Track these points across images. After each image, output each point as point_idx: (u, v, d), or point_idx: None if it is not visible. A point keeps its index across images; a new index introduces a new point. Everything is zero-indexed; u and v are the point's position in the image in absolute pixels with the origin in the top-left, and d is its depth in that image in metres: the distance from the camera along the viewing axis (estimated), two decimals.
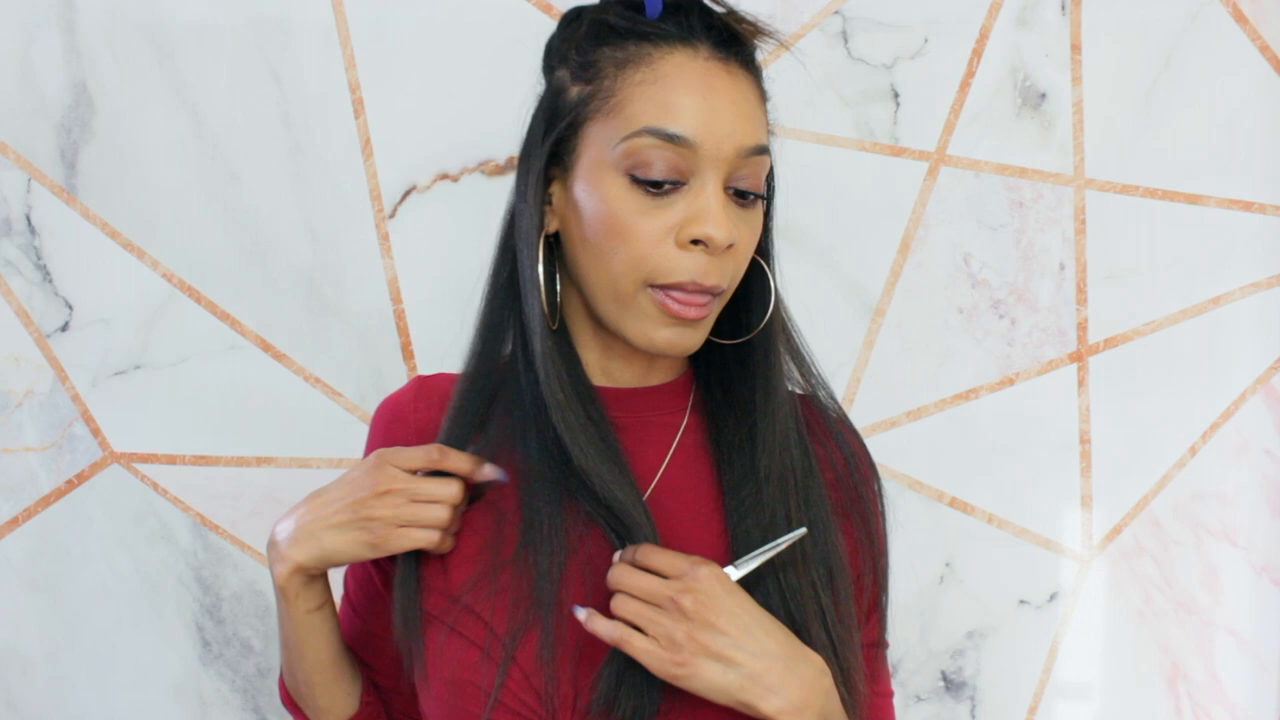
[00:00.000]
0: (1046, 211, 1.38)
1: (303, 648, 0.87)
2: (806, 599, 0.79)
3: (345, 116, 1.34)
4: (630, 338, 0.79)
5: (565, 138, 0.79)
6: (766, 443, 0.82)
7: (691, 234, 0.76)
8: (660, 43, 0.77)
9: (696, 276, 0.76)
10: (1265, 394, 1.40)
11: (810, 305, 1.38)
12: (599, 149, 0.77)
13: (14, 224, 1.35)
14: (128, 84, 1.33)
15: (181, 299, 1.35)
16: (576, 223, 0.79)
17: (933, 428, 1.39)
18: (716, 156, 0.76)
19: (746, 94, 0.78)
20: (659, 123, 0.75)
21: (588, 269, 0.79)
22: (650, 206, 0.76)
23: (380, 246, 1.35)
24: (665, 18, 0.78)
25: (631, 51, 0.77)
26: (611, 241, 0.76)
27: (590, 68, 0.78)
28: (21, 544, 1.36)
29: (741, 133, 0.77)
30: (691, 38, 0.77)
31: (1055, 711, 1.43)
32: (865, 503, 0.86)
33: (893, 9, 1.35)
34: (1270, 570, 1.41)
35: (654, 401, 0.86)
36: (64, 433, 1.36)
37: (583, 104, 0.78)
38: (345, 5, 1.33)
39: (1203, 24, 1.36)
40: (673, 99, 0.75)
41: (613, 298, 0.78)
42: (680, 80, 0.76)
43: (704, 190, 0.76)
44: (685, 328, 0.78)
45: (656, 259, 0.76)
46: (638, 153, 0.75)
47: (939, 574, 1.41)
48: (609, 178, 0.76)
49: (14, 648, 1.37)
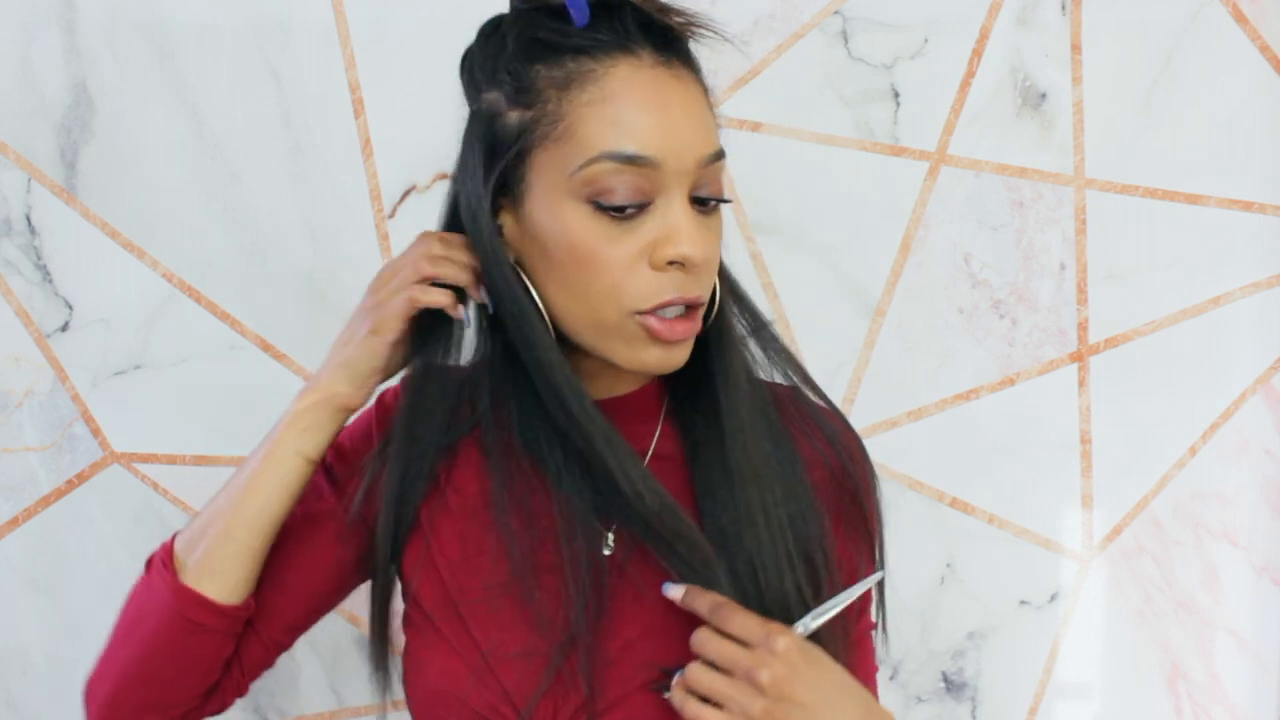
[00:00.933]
0: (1047, 211, 1.38)
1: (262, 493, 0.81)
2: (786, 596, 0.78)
3: (345, 116, 1.34)
4: (619, 361, 0.77)
5: (510, 168, 0.75)
6: (735, 438, 0.80)
7: (667, 256, 0.73)
8: (600, 55, 0.73)
9: (679, 292, 0.74)
10: (1265, 394, 1.40)
11: (810, 305, 1.39)
12: (551, 177, 0.73)
13: (14, 224, 1.35)
14: (128, 84, 1.33)
15: (181, 299, 1.35)
16: (539, 254, 0.75)
17: (933, 428, 1.39)
18: (679, 171, 0.73)
19: (696, 98, 0.75)
20: (617, 145, 0.71)
21: (560, 299, 0.76)
22: (617, 232, 0.73)
23: (380, 246, 1.35)
24: (597, 24, 0.74)
25: (571, 69, 0.73)
26: (583, 274, 0.73)
27: (528, 91, 0.74)
28: (21, 544, 1.36)
29: (700, 142, 0.74)
30: (630, 43, 0.73)
31: (1056, 712, 1.43)
32: (860, 494, 0.85)
33: (893, 9, 1.35)
34: (1270, 570, 1.41)
35: (626, 412, 0.83)
36: (64, 433, 1.36)
37: (526, 131, 0.74)
38: (345, 5, 1.33)
39: (1203, 24, 1.36)
40: (627, 118, 0.72)
41: (594, 326, 0.76)
42: (631, 96, 0.72)
43: (671, 208, 0.73)
44: (673, 346, 0.76)
45: (635, 286, 0.73)
46: (598, 179, 0.72)
47: (939, 574, 1.41)
48: (569, 207, 0.73)
49: (14, 648, 1.37)
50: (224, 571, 0.82)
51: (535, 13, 0.76)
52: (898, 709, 1.43)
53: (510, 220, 0.77)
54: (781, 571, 0.78)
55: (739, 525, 0.78)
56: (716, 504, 0.80)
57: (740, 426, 0.80)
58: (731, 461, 0.80)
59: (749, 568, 0.78)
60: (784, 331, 1.38)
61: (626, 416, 0.83)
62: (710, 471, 0.81)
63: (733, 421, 0.80)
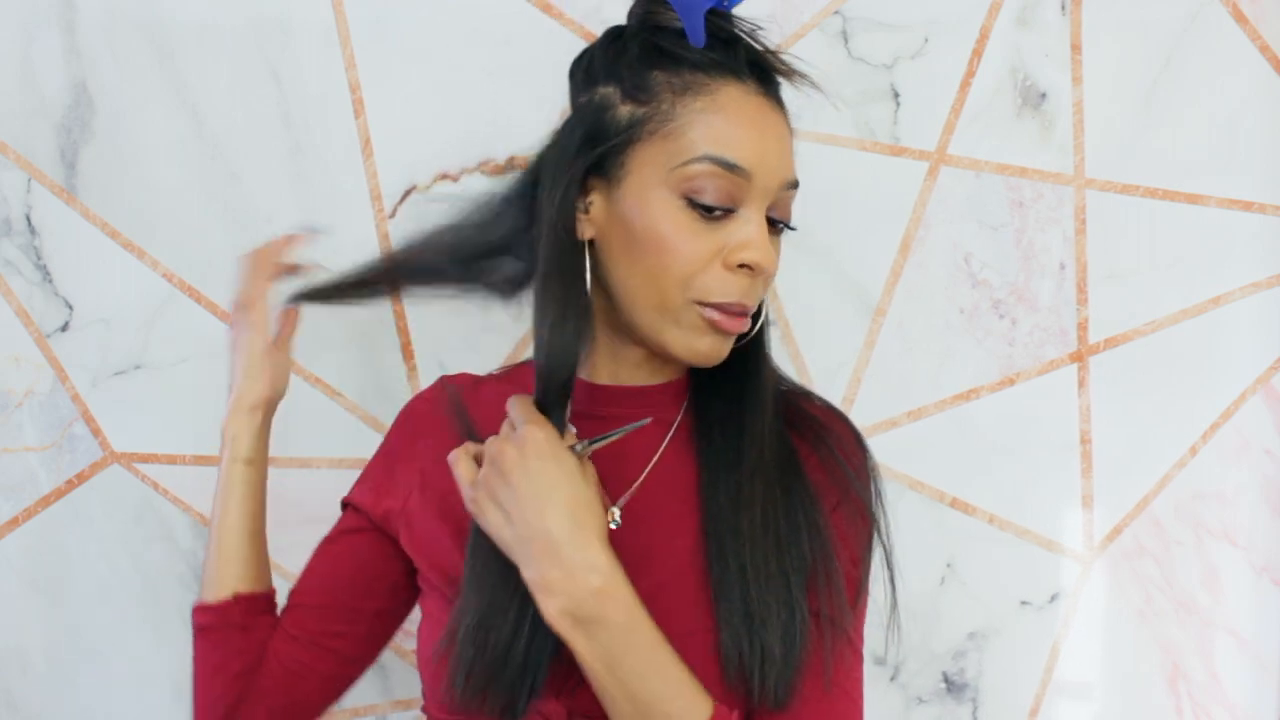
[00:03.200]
0: (1047, 211, 1.38)
1: (220, 504, 0.98)
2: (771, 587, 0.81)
3: (345, 116, 1.34)
4: (670, 345, 0.83)
5: (612, 153, 0.82)
6: (752, 430, 0.86)
7: (741, 259, 0.81)
8: (715, 74, 0.81)
9: (741, 297, 0.82)
10: (1265, 394, 1.40)
11: (810, 305, 1.39)
12: (652, 170, 0.81)
13: (14, 224, 1.35)
14: (128, 84, 1.33)
15: (181, 299, 1.35)
16: (621, 235, 0.82)
17: (933, 428, 1.39)
18: (765, 188, 0.81)
19: (786, 131, 0.84)
20: (720, 151, 0.79)
21: (629, 279, 0.83)
22: (702, 229, 0.80)
23: (380, 246, 1.35)
24: (712, 48, 0.82)
25: (688, 79, 0.81)
26: (661, 258, 0.81)
27: (644, 90, 0.81)
28: (21, 544, 1.36)
29: (785, 167, 0.83)
30: (740, 71, 0.82)
31: (1057, 712, 1.43)
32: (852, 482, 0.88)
33: (893, 9, 1.35)
34: (1270, 570, 1.41)
35: (653, 399, 0.90)
36: (64, 433, 1.36)
37: (637, 124, 0.81)
38: (345, 5, 1.33)
39: (1203, 24, 1.36)
40: (731, 130, 0.80)
41: (656, 308, 0.82)
42: (738, 113, 0.80)
43: (752, 219, 0.81)
44: (723, 337, 0.84)
45: (705, 279, 0.81)
46: (696, 178, 0.80)
47: (940, 575, 1.41)
48: (663, 198, 0.80)
49: (14, 648, 1.37)
50: (211, 576, 0.97)
51: (657, 27, 0.84)
52: (898, 710, 1.43)
53: (599, 199, 0.84)
54: (767, 550, 0.82)
55: (737, 510, 0.84)
56: (719, 485, 0.85)
57: (760, 420, 0.87)
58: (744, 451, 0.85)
59: (739, 543, 0.83)
60: (784, 331, 1.38)
61: (654, 403, 0.89)
62: (719, 454, 0.86)
63: (754, 416, 0.87)
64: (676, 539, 0.85)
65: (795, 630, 0.81)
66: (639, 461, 0.88)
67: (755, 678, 0.80)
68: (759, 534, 0.82)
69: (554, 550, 0.77)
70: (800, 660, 0.81)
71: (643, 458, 0.88)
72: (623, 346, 0.88)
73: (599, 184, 0.83)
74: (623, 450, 0.87)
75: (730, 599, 0.81)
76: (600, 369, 0.89)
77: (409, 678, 1.38)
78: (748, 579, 0.81)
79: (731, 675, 0.80)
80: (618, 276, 0.84)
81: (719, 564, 0.83)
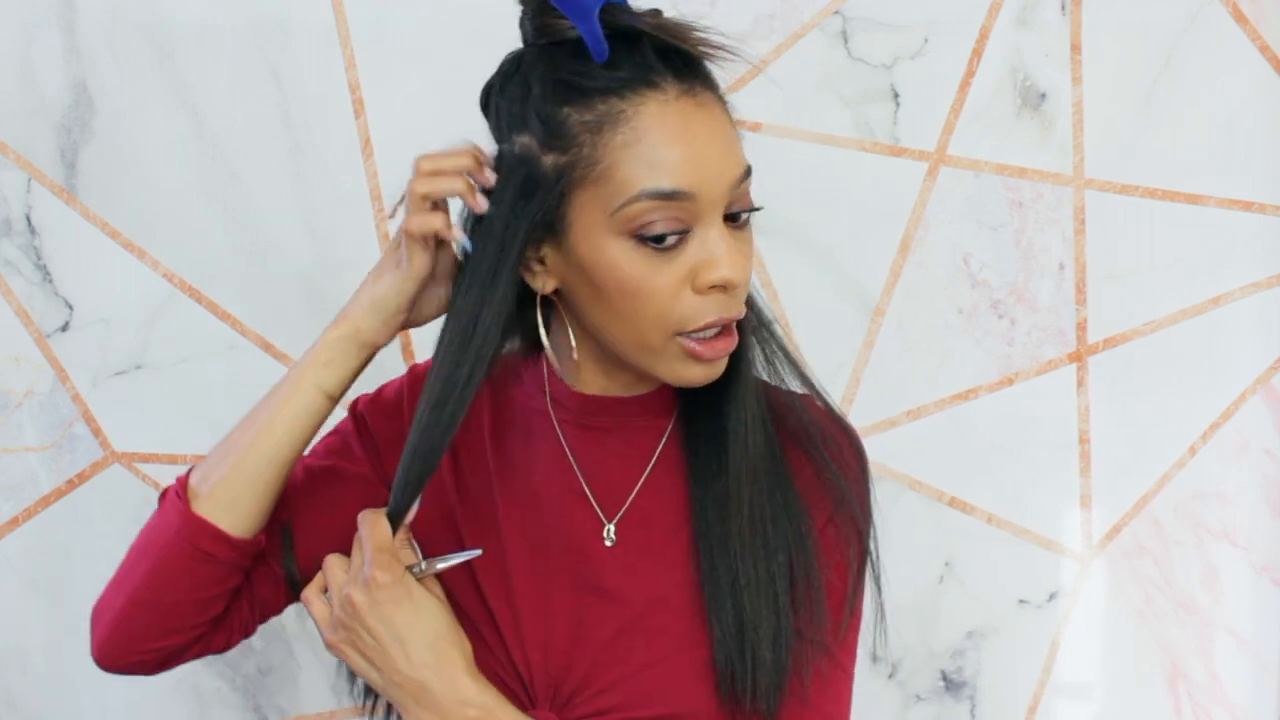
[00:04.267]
0: (1046, 211, 1.38)
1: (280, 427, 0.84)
2: (761, 593, 0.81)
3: (345, 116, 1.34)
4: (663, 376, 0.81)
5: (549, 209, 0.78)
6: (736, 436, 0.84)
7: (709, 281, 0.77)
8: (628, 94, 0.75)
9: (720, 314, 0.78)
10: (1265, 394, 1.40)
11: (810, 305, 1.39)
12: (593, 215, 0.77)
13: (14, 224, 1.35)
14: (128, 84, 1.33)
15: (181, 299, 1.35)
16: (584, 283, 0.79)
17: (932, 428, 1.39)
18: (713, 198, 0.77)
19: (720, 122, 0.78)
20: (654, 183, 0.75)
21: (605, 324, 0.80)
22: (660, 262, 0.76)
23: (380, 246, 1.35)
24: (617, 57, 0.76)
25: (602, 112, 0.76)
26: (631, 303, 0.77)
27: (560, 135, 0.76)
28: (21, 544, 1.36)
29: (729, 166, 0.78)
30: (653, 76, 0.76)
31: (1055, 711, 1.43)
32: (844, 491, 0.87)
33: (893, 9, 1.35)
34: (1270, 570, 1.41)
35: (641, 408, 0.87)
36: (64, 433, 1.36)
37: (564, 173, 0.76)
38: (345, 5, 1.33)
39: (1203, 24, 1.36)
40: (660, 155, 0.75)
41: (639, 348, 0.80)
42: (662, 132, 0.75)
43: (709, 234, 0.77)
44: (714, 362, 0.81)
45: (680, 310, 0.77)
46: (638, 216, 0.75)
47: (939, 574, 1.41)
48: (611, 242, 0.77)
49: (14, 648, 1.37)
50: (237, 503, 0.85)
51: (555, 50, 0.78)
52: (897, 708, 1.43)
53: (552, 252, 0.80)
54: (756, 557, 0.81)
55: (726, 519, 0.82)
56: (708, 495, 0.84)
57: (743, 419, 0.84)
58: (731, 455, 0.84)
59: (729, 555, 0.82)
60: (784, 331, 1.38)
61: (643, 412, 0.87)
62: (708, 466, 0.84)
63: (736, 413, 0.84)
64: (669, 553, 0.84)
65: (783, 636, 0.80)
66: (633, 474, 0.87)
67: (747, 689, 0.79)
68: (747, 541, 0.81)
69: (424, 693, 0.78)
70: (787, 666, 0.80)
71: (636, 470, 0.87)
72: (614, 368, 0.85)
73: (546, 237, 0.79)
74: (616, 463, 0.86)
75: (723, 612, 0.81)
76: (589, 382, 0.87)
77: None
78: (739, 588, 0.80)
79: (724, 692, 0.80)
80: (593, 321, 0.81)
81: (710, 578, 0.82)
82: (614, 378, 0.86)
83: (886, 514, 1.32)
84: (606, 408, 0.87)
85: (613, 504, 0.86)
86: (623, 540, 0.85)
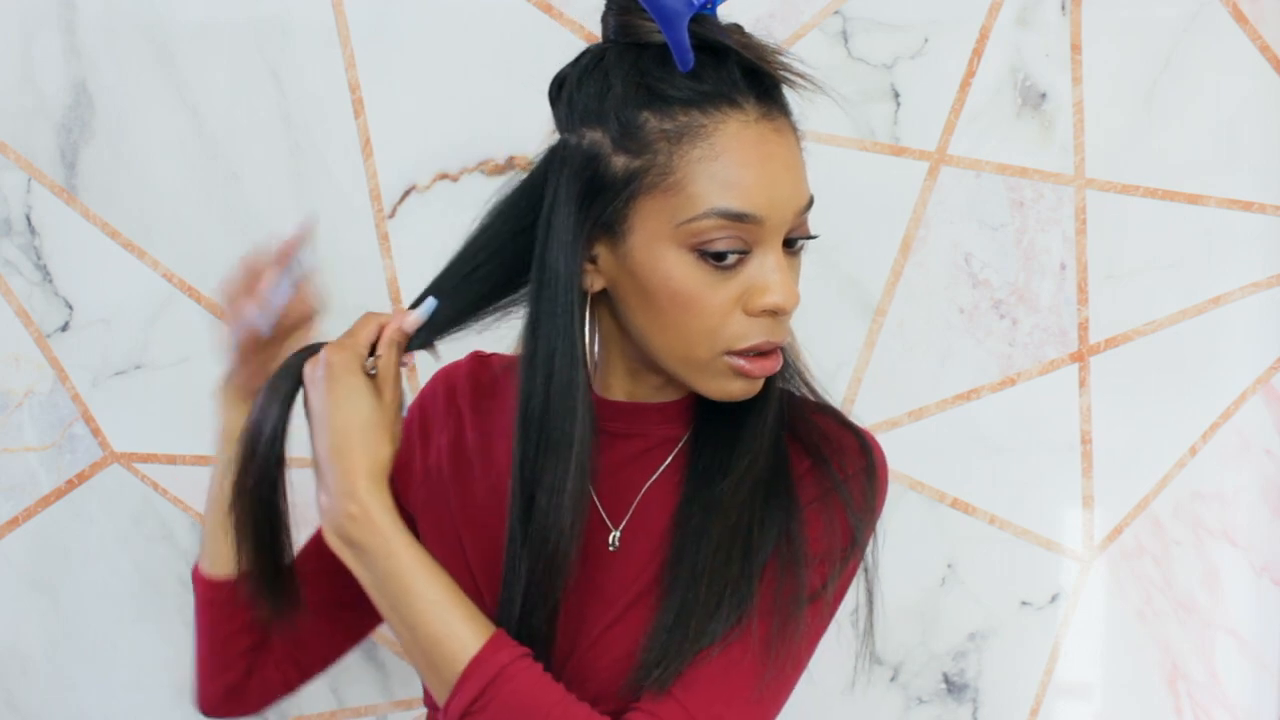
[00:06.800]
0: (1047, 211, 1.38)
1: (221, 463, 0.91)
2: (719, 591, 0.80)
3: (345, 116, 1.34)
4: (703, 389, 0.82)
5: (612, 209, 0.78)
6: (746, 443, 0.84)
7: (762, 305, 0.78)
8: (710, 110, 0.76)
9: (768, 337, 0.79)
10: (1265, 394, 1.40)
11: (810, 305, 1.39)
12: (657, 225, 0.77)
13: (14, 224, 1.35)
14: (128, 84, 1.33)
15: (181, 299, 1.35)
16: (635, 290, 0.79)
17: (933, 428, 1.39)
18: (778, 224, 0.78)
19: (793, 149, 0.79)
20: (726, 203, 0.75)
21: (651, 332, 0.80)
22: (718, 279, 0.77)
23: (380, 246, 1.35)
24: (702, 70, 0.76)
25: (682, 123, 0.76)
26: (681, 314, 0.78)
27: (636, 139, 0.76)
28: (21, 544, 1.36)
29: (797, 195, 0.79)
30: (736, 95, 0.76)
31: (1057, 712, 1.43)
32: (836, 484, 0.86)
33: (893, 9, 1.35)
34: (1270, 570, 1.41)
35: (662, 415, 0.88)
36: (64, 433, 1.36)
37: (634, 178, 0.77)
38: (345, 5, 1.33)
39: (1203, 24, 1.36)
40: (735, 176, 0.75)
41: (684, 360, 0.80)
42: (739, 153, 0.76)
43: (767, 259, 0.78)
44: (756, 379, 0.81)
45: (730, 329, 0.78)
46: (704, 232, 0.76)
47: (940, 575, 1.41)
48: (671, 253, 0.77)
49: (14, 648, 1.37)
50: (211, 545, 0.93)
51: (640, 52, 0.78)
52: (899, 710, 1.43)
53: (606, 252, 0.80)
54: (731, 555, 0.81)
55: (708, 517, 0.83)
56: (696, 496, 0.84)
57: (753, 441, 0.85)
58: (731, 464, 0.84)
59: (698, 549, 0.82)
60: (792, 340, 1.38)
61: (663, 420, 0.88)
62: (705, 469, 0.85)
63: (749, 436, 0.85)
64: (658, 554, 0.84)
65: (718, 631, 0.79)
66: (642, 480, 0.88)
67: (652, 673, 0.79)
68: (723, 541, 0.81)
69: (322, 474, 0.80)
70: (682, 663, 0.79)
71: (645, 476, 0.88)
72: (642, 370, 0.86)
73: (603, 236, 0.80)
74: (628, 470, 0.87)
75: (670, 604, 0.81)
76: (615, 387, 0.88)
77: (409, 678, 1.38)
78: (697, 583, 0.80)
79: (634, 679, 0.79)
80: (638, 326, 0.81)
81: (671, 570, 0.82)
82: (640, 383, 0.87)
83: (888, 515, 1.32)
84: (627, 413, 0.88)
85: (619, 510, 0.87)
86: (625, 545, 0.86)
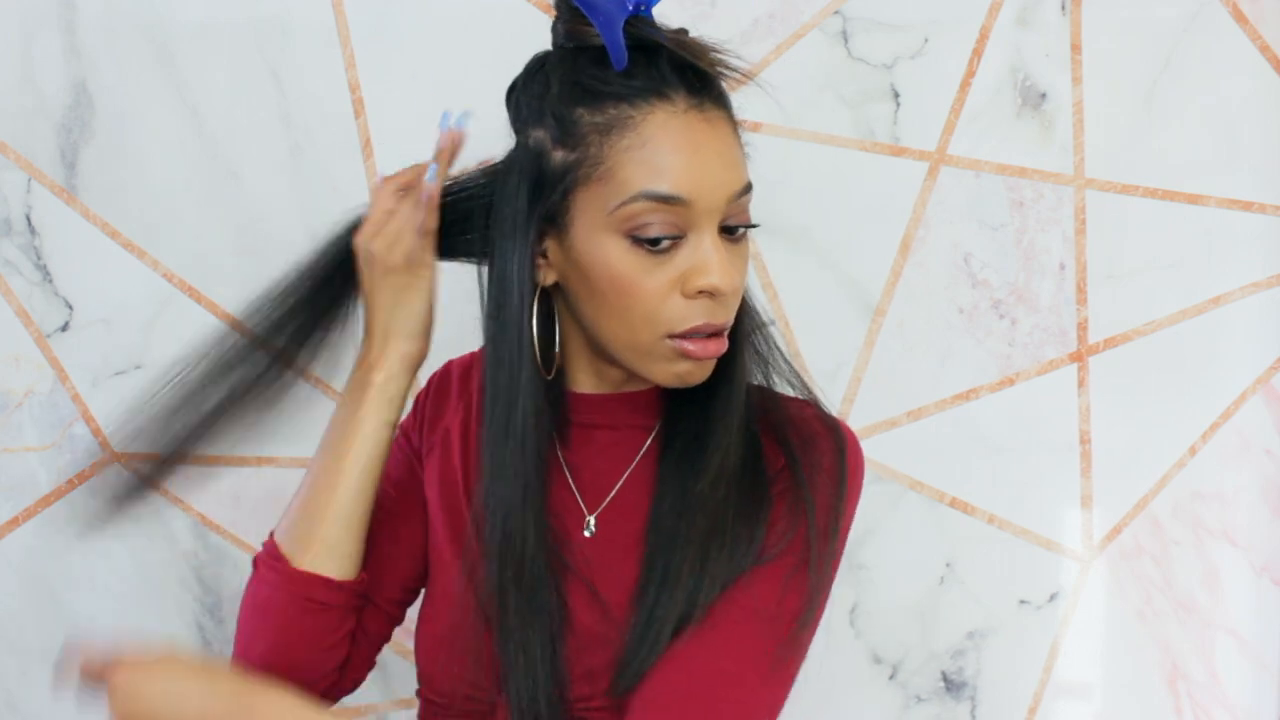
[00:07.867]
0: (1047, 211, 1.38)
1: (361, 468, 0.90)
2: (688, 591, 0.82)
3: (345, 116, 1.34)
4: (652, 377, 0.84)
5: (555, 202, 0.82)
6: (716, 438, 0.85)
7: (697, 286, 0.80)
8: (638, 102, 0.79)
9: (708, 319, 0.81)
10: (1265, 394, 1.40)
11: (810, 305, 1.39)
12: (593, 213, 0.80)
13: (14, 224, 1.35)
14: (128, 84, 1.33)
15: (181, 299, 1.35)
16: (580, 280, 0.82)
17: (933, 428, 1.39)
18: (710, 208, 0.80)
19: (726, 137, 0.82)
20: (652, 186, 0.78)
21: (597, 321, 0.83)
22: (653, 264, 0.80)
23: None
24: (634, 67, 0.80)
25: (612, 115, 0.79)
26: (622, 300, 0.81)
27: (571, 134, 0.80)
28: (21, 544, 1.36)
29: (729, 180, 0.81)
30: (665, 88, 0.79)
31: (1056, 711, 1.43)
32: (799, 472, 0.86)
33: (893, 9, 1.35)
34: (1270, 570, 1.41)
35: (630, 406, 0.90)
36: (64, 433, 1.36)
37: (570, 170, 0.80)
38: (345, 5, 1.33)
39: (1203, 24, 1.36)
40: (661, 161, 0.78)
41: (629, 347, 0.82)
42: (665, 140, 0.79)
43: (701, 242, 0.80)
44: (703, 361, 0.83)
45: (668, 312, 0.80)
46: (634, 216, 0.79)
47: (939, 574, 1.41)
48: (608, 240, 0.80)
49: (14, 648, 1.37)
50: (338, 548, 0.90)
51: (578, 54, 0.82)
52: (897, 709, 1.43)
53: (554, 246, 0.84)
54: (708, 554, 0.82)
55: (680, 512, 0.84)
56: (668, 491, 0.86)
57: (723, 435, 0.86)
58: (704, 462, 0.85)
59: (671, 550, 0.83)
60: (784, 331, 1.38)
61: (631, 410, 0.90)
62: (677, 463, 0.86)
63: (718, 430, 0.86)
64: (636, 547, 0.86)
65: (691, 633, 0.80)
66: (619, 469, 0.89)
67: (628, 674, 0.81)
68: (698, 540, 0.82)
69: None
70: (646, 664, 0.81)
71: (622, 465, 0.89)
72: (602, 363, 0.88)
73: (550, 231, 0.83)
74: (603, 458, 0.89)
75: (644, 604, 0.82)
76: (582, 380, 0.90)
77: (409, 677, 1.38)
78: (670, 582, 0.82)
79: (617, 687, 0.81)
80: (587, 316, 0.84)
81: (647, 569, 0.84)
82: (604, 376, 0.89)
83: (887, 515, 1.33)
84: (595, 405, 0.89)
85: (596, 497, 0.89)
86: (601, 532, 0.88)
